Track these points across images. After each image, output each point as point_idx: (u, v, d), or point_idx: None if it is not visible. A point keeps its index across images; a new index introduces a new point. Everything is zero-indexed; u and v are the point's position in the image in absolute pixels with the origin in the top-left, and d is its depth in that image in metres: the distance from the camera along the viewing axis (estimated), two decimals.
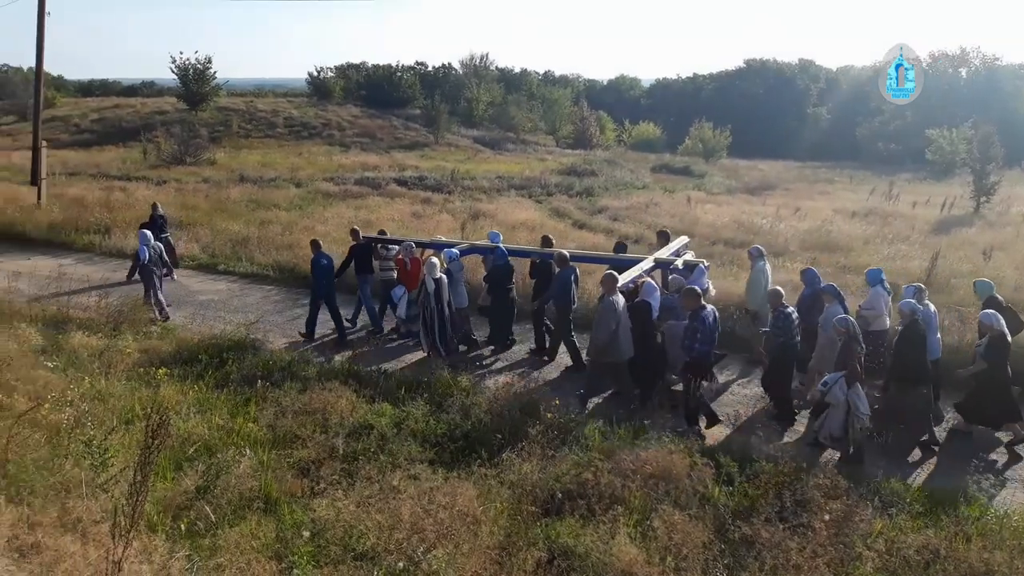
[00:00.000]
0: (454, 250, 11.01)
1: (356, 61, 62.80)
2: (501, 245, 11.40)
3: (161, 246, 12.81)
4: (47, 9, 22.49)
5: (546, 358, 10.79)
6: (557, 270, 10.30)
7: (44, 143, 22.44)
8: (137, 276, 13.16)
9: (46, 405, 7.00)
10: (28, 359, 8.80)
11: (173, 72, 44.99)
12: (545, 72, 74.58)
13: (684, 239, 12.32)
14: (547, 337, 10.89)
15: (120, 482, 5.76)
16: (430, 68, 65.86)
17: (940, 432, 8.49)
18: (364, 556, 5.43)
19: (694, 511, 6.25)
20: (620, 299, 8.93)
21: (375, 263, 12.01)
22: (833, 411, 7.65)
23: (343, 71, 59.80)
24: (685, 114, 52.12)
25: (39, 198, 20.84)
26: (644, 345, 8.99)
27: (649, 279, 9.78)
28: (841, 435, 7.61)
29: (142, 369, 9.08)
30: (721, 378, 9.87)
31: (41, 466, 6.05)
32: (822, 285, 9.22)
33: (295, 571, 5.24)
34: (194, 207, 20.84)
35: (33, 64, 23.89)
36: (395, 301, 11.27)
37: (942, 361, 9.07)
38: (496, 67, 67.05)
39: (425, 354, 10.49)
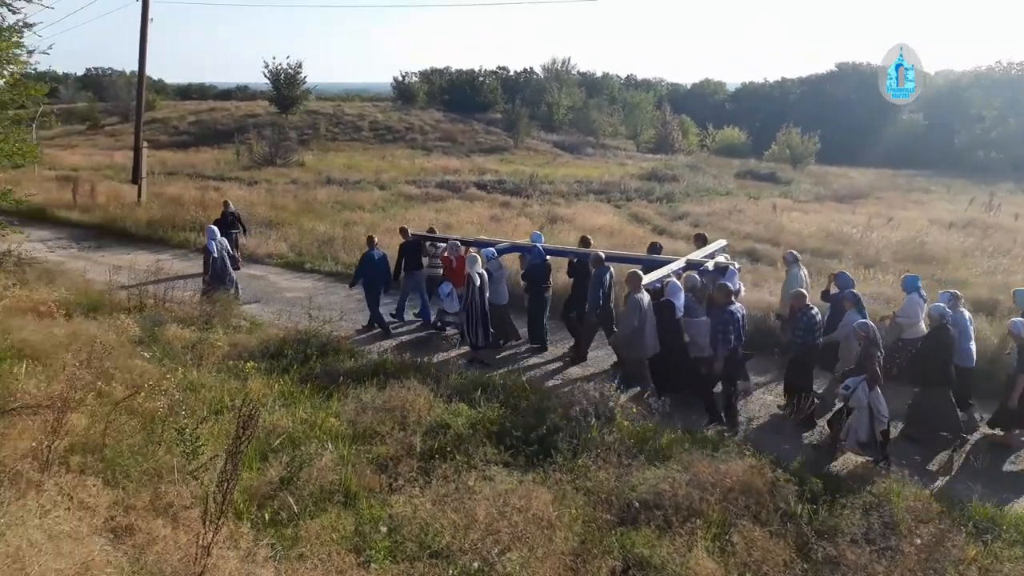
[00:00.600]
0: (492, 249, 11.27)
1: (440, 66, 63.79)
2: (539, 245, 11.62)
3: (226, 240, 13.44)
4: (150, 16, 23.77)
5: (568, 358, 10.97)
6: (593, 270, 10.38)
7: (145, 144, 23.71)
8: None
9: (142, 394, 7.36)
10: (126, 349, 9.27)
11: (266, 77, 46.72)
12: (627, 76, 73.99)
13: (722, 243, 12.48)
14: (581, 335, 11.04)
15: (209, 470, 5.99)
16: (512, 72, 66.27)
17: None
18: (439, 554, 5.49)
19: (775, 528, 6.07)
20: (645, 297, 9.15)
21: (424, 260, 12.49)
22: (859, 416, 7.59)
23: (427, 76, 60.82)
24: (772, 119, 50.65)
25: (139, 196, 22.01)
26: (668, 343, 9.19)
27: (674, 279, 9.84)
28: (868, 440, 7.59)
29: (231, 362, 9.43)
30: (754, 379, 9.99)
31: (136, 452, 6.36)
32: (845, 292, 9.16)
33: (373, 565, 5.34)
34: (283, 207, 21.59)
35: (136, 68, 25.25)
36: (441, 297, 11.49)
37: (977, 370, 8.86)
38: (578, 71, 66.87)
39: (461, 347, 10.75)
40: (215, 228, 13.26)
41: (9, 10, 12.66)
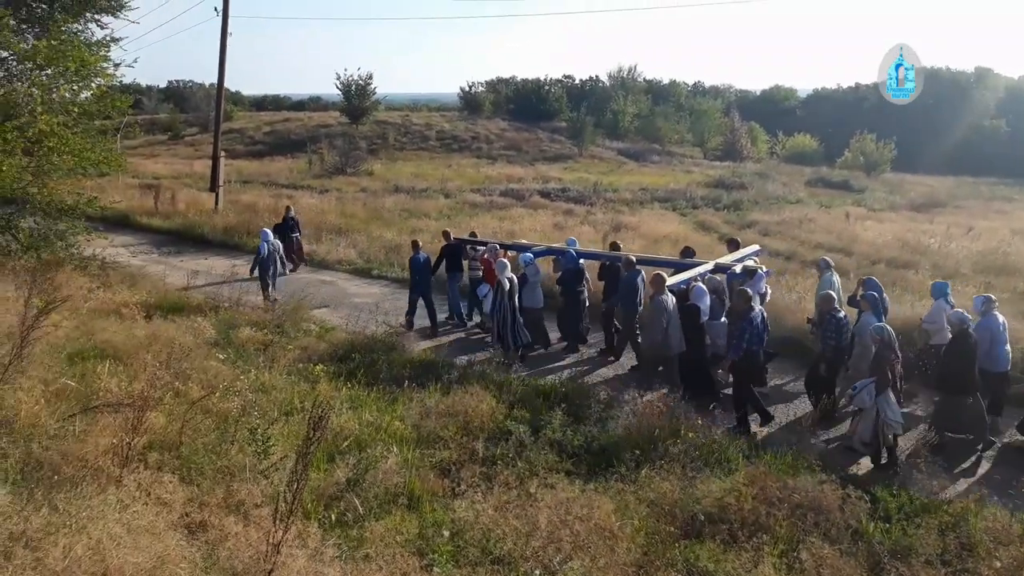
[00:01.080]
0: (528, 254, 11.59)
1: (506, 76, 64.26)
2: (572, 249, 11.91)
3: (279, 244, 14.04)
4: (229, 30, 24.66)
5: (612, 358, 11.16)
6: (624, 273, 10.63)
7: (222, 153, 24.62)
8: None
9: (216, 394, 7.62)
10: (202, 350, 9.61)
11: (338, 88, 47.94)
12: (695, 83, 73.19)
13: (755, 247, 12.61)
14: (615, 337, 11.24)
15: (279, 470, 6.15)
16: (577, 81, 66.27)
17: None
18: (501, 560, 5.50)
19: (845, 546, 5.87)
20: (669, 298, 9.41)
21: (464, 263, 12.90)
22: (864, 417, 7.72)
23: (493, 86, 61.33)
24: (845, 125, 49.11)
25: (216, 203, 22.85)
26: (693, 345, 9.38)
27: (699, 283, 9.91)
28: (871, 440, 7.67)
29: (301, 365, 9.68)
30: (777, 380, 10.23)
31: (210, 450, 6.58)
32: (866, 294, 9.14)
33: (436, 569, 5.39)
34: (352, 215, 22.07)
35: (215, 80, 26.23)
36: (480, 298, 11.81)
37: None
38: (644, 78, 66.46)
39: (493, 348, 10.83)
40: (268, 231, 13.91)
41: (98, 25, 13.40)
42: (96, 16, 13.30)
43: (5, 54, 12.48)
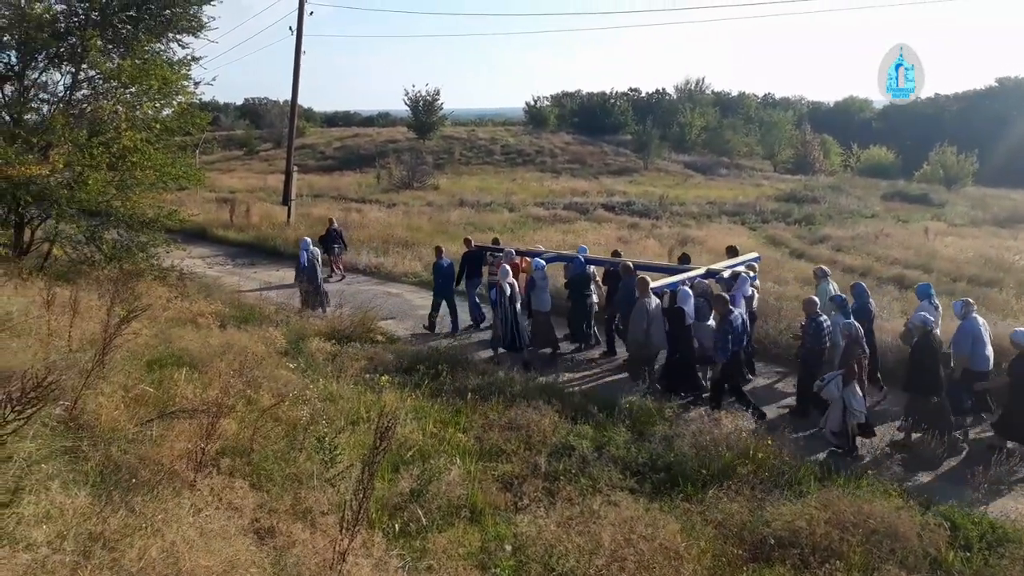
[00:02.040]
0: (540, 260, 12.16)
1: (571, 89, 64.38)
2: (580, 256, 12.51)
3: (318, 252, 14.62)
4: (303, 49, 25.44)
5: (603, 356, 11.85)
6: (624, 278, 11.10)
7: (295, 168, 25.35)
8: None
9: (286, 402, 7.78)
10: (273, 359, 9.85)
11: (406, 104, 48.92)
12: (765, 95, 71.73)
13: (754, 255, 13.16)
14: (616, 338, 11.84)
15: (345, 478, 6.23)
16: (643, 94, 65.86)
17: None
18: None
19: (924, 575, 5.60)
20: (652, 300, 10.07)
21: (484, 268, 13.57)
22: (832, 408, 8.38)
23: (558, 100, 61.51)
24: (923, 138, 47.40)
25: (289, 216, 23.51)
26: (680, 346, 9.88)
27: (684, 287, 10.43)
28: (839, 430, 8.29)
29: (367, 375, 9.82)
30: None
31: (279, 457, 6.71)
32: (835, 296, 9.65)
33: None
34: (418, 228, 22.39)
35: (289, 98, 27.10)
36: (492, 299, 12.21)
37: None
38: (712, 91, 65.61)
39: (493, 349, 11.54)
40: (308, 240, 14.46)
41: (179, 45, 13.99)
42: (178, 36, 13.89)
43: (93, 73, 13.15)
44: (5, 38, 12.77)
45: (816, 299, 9.56)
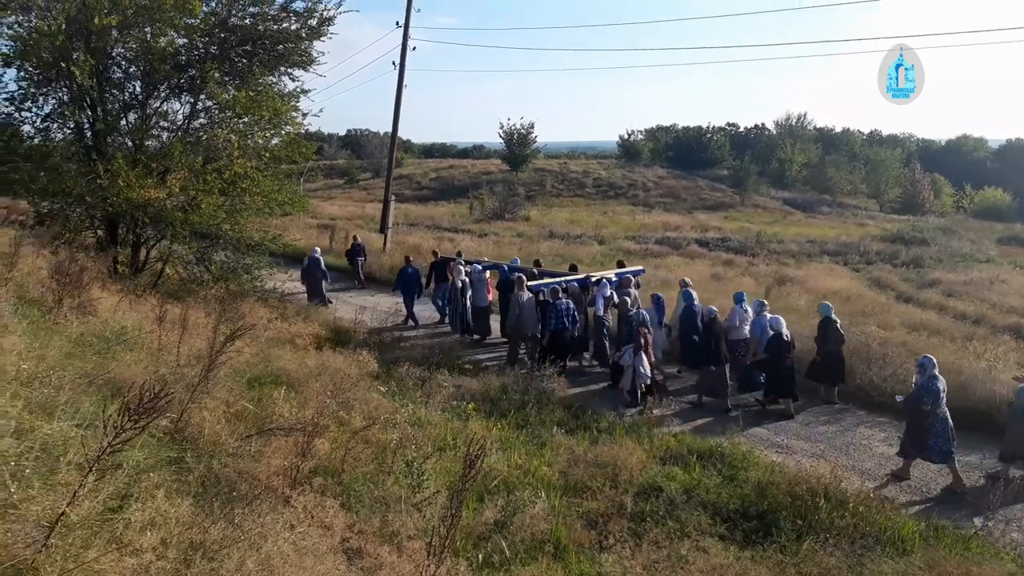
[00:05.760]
0: (478, 265, 15.19)
1: (666, 123, 63.97)
2: (506, 265, 15.63)
3: (322, 259, 17.15)
4: (405, 82, 26.29)
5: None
6: (517, 290, 13.02)
7: (392, 197, 26.06)
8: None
9: (376, 425, 7.92)
10: (365, 382, 10.06)
11: (500, 136, 49.75)
12: (871, 131, 69.27)
13: (638, 268, 15.41)
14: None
15: (432, 504, 6.27)
16: (741, 129, 64.77)
17: None
18: None
19: None
20: (525, 294, 12.74)
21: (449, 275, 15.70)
22: (626, 372, 10.94)
23: (652, 133, 61.22)
24: None
25: (384, 244, 24.16)
26: (544, 331, 12.49)
27: (603, 287, 12.98)
28: (631, 390, 10.90)
29: (455, 402, 9.91)
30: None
31: (369, 479, 6.81)
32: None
33: None
34: (507, 257, 22.53)
35: (389, 129, 28.00)
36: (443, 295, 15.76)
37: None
38: (814, 127, 63.87)
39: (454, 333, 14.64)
40: (318, 249, 17.47)
41: (289, 78, 14.70)
42: (289, 70, 14.58)
43: (209, 103, 13.95)
44: (131, 69, 13.73)
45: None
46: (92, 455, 3.86)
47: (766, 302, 12.29)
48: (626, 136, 59.31)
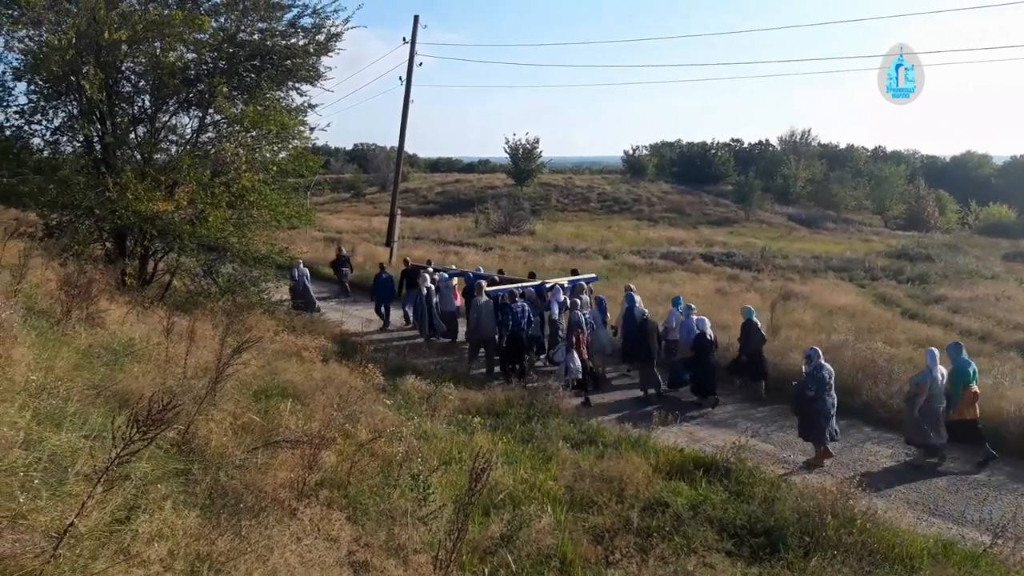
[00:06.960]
0: (445, 273, 16.50)
1: (671, 139, 64.21)
2: (470, 272, 16.94)
3: (307, 272, 18.02)
4: (411, 97, 26.47)
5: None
6: (476, 295, 13.73)
7: (398, 211, 26.16)
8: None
9: (382, 438, 7.91)
10: (371, 395, 10.06)
11: (505, 151, 49.97)
12: (875, 148, 69.42)
13: (591, 275, 16.79)
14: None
15: (438, 517, 6.26)
16: (746, 144, 64.95)
17: None
18: None
19: None
20: (483, 299, 13.47)
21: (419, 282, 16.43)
22: (560, 368, 12.10)
23: (657, 149, 61.41)
24: None
25: (391, 257, 24.21)
26: (503, 333, 13.26)
27: (557, 292, 14.06)
28: (565, 384, 11.66)
29: (460, 416, 9.90)
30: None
31: (374, 492, 6.80)
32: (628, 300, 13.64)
33: None
34: (512, 272, 22.56)
35: (395, 144, 28.16)
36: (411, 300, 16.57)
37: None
38: (818, 143, 64.00)
39: (421, 337, 15.49)
40: (300, 262, 17.71)
41: (297, 93, 14.80)
42: (297, 85, 14.67)
43: (218, 117, 14.03)
44: (141, 83, 13.84)
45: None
46: (100, 466, 3.86)
47: (693, 305, 13.39)
48: (631, 151, 59.55)
